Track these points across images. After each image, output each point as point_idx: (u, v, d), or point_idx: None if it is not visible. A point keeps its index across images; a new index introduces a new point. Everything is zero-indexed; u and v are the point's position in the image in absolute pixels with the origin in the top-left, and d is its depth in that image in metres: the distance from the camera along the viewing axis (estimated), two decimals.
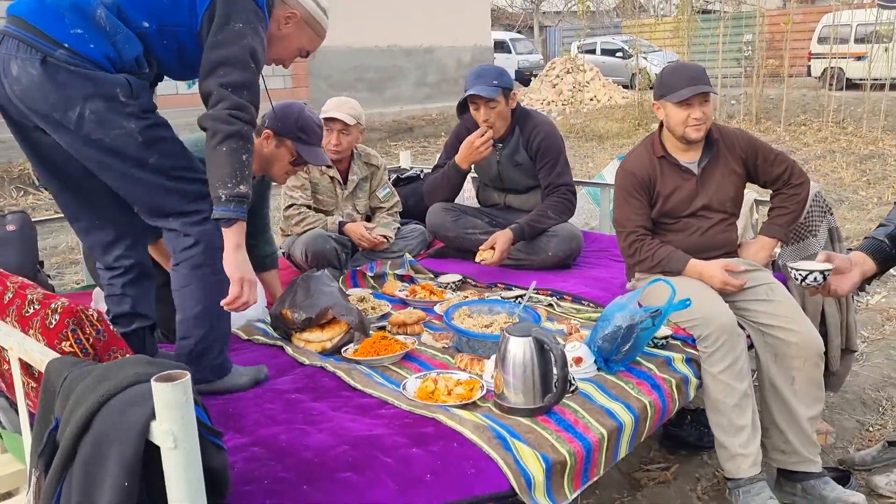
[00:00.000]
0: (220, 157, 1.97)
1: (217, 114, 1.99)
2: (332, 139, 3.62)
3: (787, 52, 13.47)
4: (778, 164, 2.84)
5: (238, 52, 2.02)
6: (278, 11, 2.26)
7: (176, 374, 1.27)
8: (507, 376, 2.09)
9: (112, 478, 1.29)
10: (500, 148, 3.62)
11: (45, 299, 1.80)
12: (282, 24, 2.27)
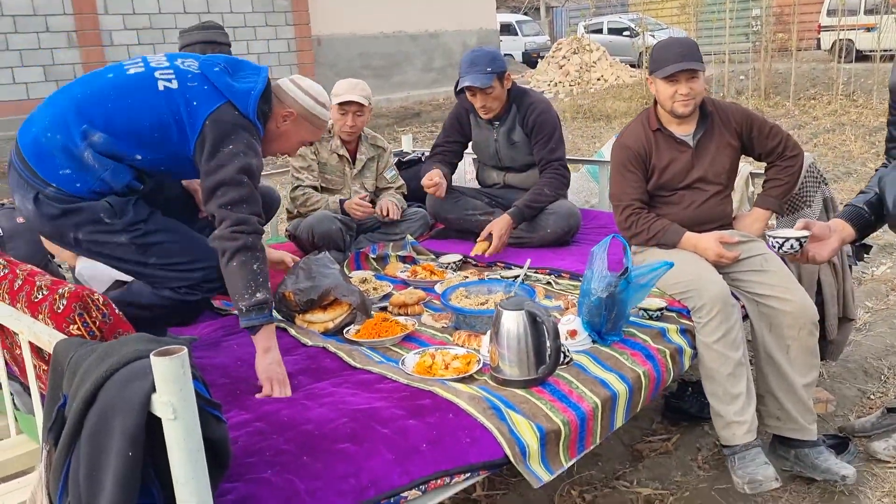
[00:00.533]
0: (233, 272, 2.14)
1: (222, 233, 2.16)
2: (348, 121, 3.69)
3: (795, 25, 13.35)
4: (772, 137, 2.87)
5: (231, 172, 2.16)
6: (277, 110, 2.41)
7: (173, 349, 1.34)
8: (502, 349, 2.15)
9: (117, 448, 1.36)
10: (496, 126, 3.66)
11: (52, 285, 1.87)
12: (280, 123, 2.42)
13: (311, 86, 2.47)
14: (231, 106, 2.23)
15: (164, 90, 2.20)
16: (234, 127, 2.19)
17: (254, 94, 2.25)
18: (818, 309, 2.92)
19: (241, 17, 12.08)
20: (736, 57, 14.48)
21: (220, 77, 2.25)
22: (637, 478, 2.82)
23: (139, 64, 2.32)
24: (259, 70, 2.39)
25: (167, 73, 2.25)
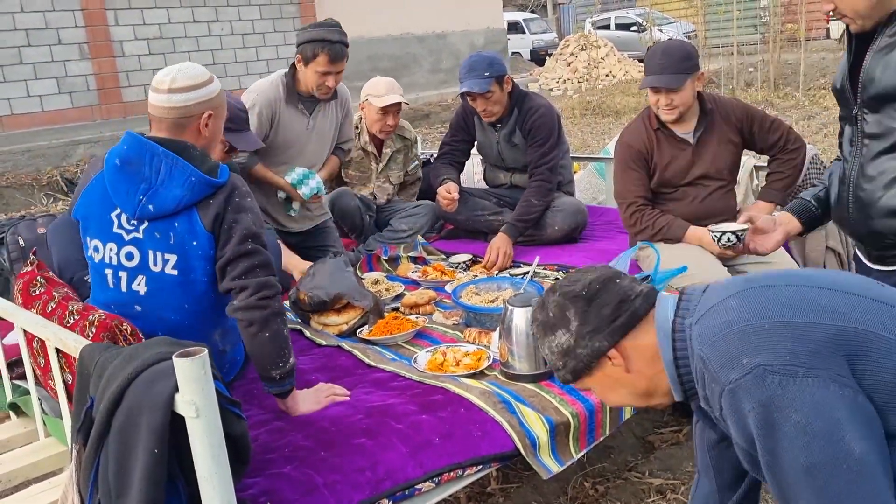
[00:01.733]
0: (265, 343, 1.95)
1: (247, 303, 1.94)
2: (389, 121, 3.78)
3: (803, 15, 13.31)
4: (774, 131, 2.91)
5: (234, 246, 1.96)
6: (195, 125, 2.07)
7: (194, 350, 1.41)
8: (511, 345, 2.20)
9: (143, 446, 1.44)
10: (498, 129, 3.72)
11: (84, 311, 1.93)
12: (204, 131, 2.09)
13: (189, 76, 2.06)
14: (203, 205, 1.98)
15: (179, 273, 2.00)
16: (219, 204, 1.97)
17: (193, 177, 1.96)
18: None
19: (249, 24, 12.18)
20: (744, 49, 14.44)
21: (161, 202, 1.96)
22: (649, 469, 2.87)
23: (124, 275, 2.03)
24: (142, 146, 1.99)
25: (155, 257, 2.01)
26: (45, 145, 9.86)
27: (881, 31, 1.83)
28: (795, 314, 1.24)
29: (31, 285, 2.10)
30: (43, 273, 2.16)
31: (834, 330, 1.22)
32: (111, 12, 10.69)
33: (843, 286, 1.32)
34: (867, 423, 1.17)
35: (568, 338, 1.42)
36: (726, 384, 1.23)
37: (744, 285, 1.35)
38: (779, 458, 1.19)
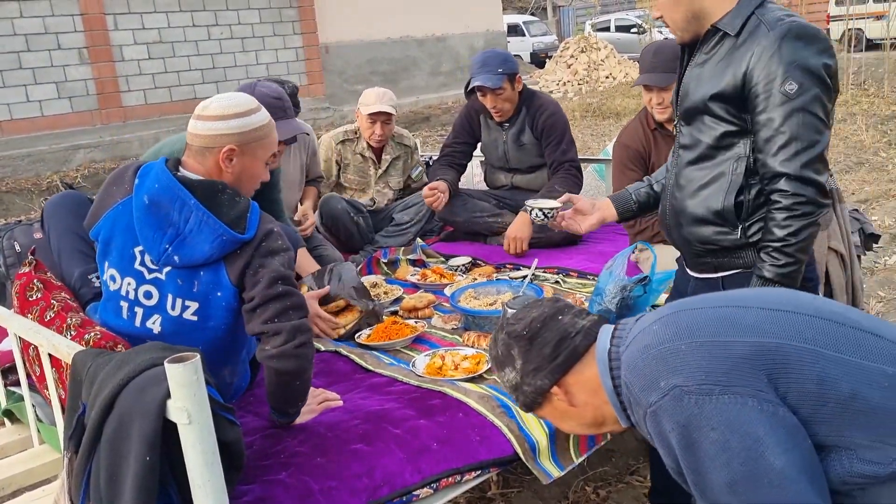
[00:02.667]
0: (294, 389, 1.91)
1: (281, 351, 1.84)
2: (377, 130, 3.84)
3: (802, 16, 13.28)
4: None
5: (263, 290, 1.87)
6: (215, 157, 1.96)
7: (186, 355, 1.39)
8: None
9: (135, 453, 1.42)
10: (506, 128, 3.70)
11: (81, 327, 1.90)
12: (227, 166, 1.97)
13: (224, 105, 1.97)
14: (230, 259, 1.91)
15: (199, 319, 1.94)
16: (246, 257, 1.90)
17: (225, 236, 1.88)
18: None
19: (248, 27, 12.18)
20: None
21: (189, 255, 1.89)
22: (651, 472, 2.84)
23: (140, 311, 1.97)
24: (174, 191, 1.89)
25: (175, 302, 1.94)
26: (45, 150, 9.86)
27: (699, 46, 1.88)
28: (714, 334, 1.26)
29: (27, 289, 2.07)
30: (40, 276, 2.13)
31: (753, 346, 1.22)
32: (110, 17, 10.70)
33: (771, 303, 1.32)
34: (789, 436, 1.18)
35: (514, 375, 1.48)
36: (647, 407, 1.26)
37: (671, 310, 1.38)
38: (702, 475, 1.21)
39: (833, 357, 1.23)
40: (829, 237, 3.01)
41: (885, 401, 1.21)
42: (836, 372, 1.22)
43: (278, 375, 1.87)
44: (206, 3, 11.64)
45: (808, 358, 1.22)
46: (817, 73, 1.71)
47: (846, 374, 1.22)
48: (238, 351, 2.08)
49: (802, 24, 1.75)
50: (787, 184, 1.74)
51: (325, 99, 12.74)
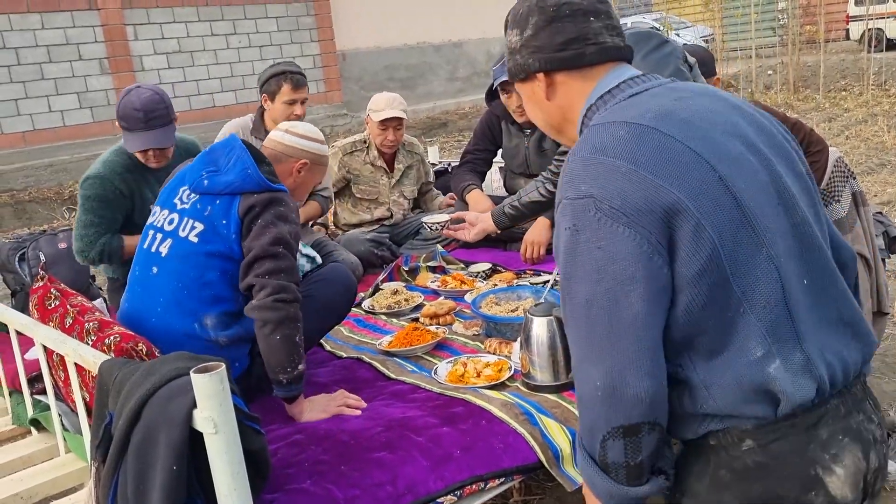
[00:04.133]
0: (277, 346, 2.00)
1: (262, 303, 2.01)
2: (389, 135, 3.81)
3: (822, 17, 13.20)
4: (795, 133, 2.86)
5: (264, 244, 2.05)
6: (286, 165, 2.33)
7: (212, 365, 1.40)
8: (532, 356, 2.17)
9: (162, 462, 1.43)
10: (528, 134, 3.70)
11: (100, 331, 1.93)
12: (296, 176, 2.36)
13: (307, 129, 2.41)
14: (246, 195, 2.12)
15: (198, 242, 2.11)
16: (262, 204, 2.10)
17: (250, 169, 2.13)
18: None
19: (266, 36, 12.27)
20: (763, 52, 14.32)
21: (216, 181, 2.15)
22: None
23: (159, 237, 2.20)
24: (231, 140, 2.24)
25: (186, 223, 2.15)
26: (67, 159, 9.98)
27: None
28: (657, 174, 1.20)
29: (45, 298, 2.11)
30: (56, 286, 2.16)
31: (673, 199, 1.19)
32: (130, 27, 10.82)
33: (715, 152, 1.25)
34: (658, 295, 1.20)
35: (517, 40, 1.43)
36: (562, 198, 1.27)
37: (649, 120, 1.27)
38: (569, 282, 1.25)
39: (741, 268, 1.22)
40: (853, 241, 2.98)
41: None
42: (727, 283, 1.21)
43: (260, 330, 2.02)
44: (224, 13, 11.75)
45: (713, 249, 1.20)
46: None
47: (728, 297, 1.21)
48: (226, 299, 2.13)
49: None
50: None
51: (342, 106, 12.79)
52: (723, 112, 1.32)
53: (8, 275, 3.33)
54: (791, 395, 1.22)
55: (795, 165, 1.35)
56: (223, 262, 2.10)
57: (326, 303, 2.41)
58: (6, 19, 9.79)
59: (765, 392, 1.23)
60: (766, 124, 1.36)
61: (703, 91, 1.36)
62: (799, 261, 1.27)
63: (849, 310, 1.33)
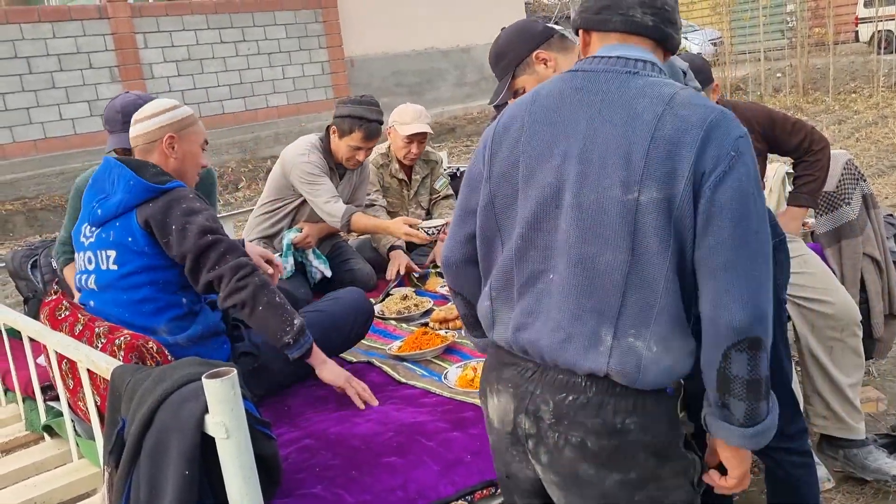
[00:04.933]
0: (265, 316, 2.08)
1: (228, 290, 2.07)
2: (413, 149, 3.73)
3: (831, 19, 13.16)
4: (796, 133, 2.84)
5: (195, 243, 2.07)
6: (157, 150, 2.25)
7: (223, 370, 1.40)
8: None
9: (174, 467, 1.43)
10: None
11: (110, 333, 1.95)
12: (171, 154, 2.26)
13: (151, 108, 2.28)
14: (141, 207, 2.11)
15: (118, 267, 2.12)
16: (158, 207, 2.09)
17: (132, 181, 2.11)
18: (863, 306, 2.90)
19: (275, 43, 12.32)
20: (772, 54, 14.29)
21: (108, 206, 2.13)
22: None
23: (85, 277, 2.22)
24: (106, 164, 2.23)
25: (101, 256, 2.16)
26: (78, 167, 10.02)
27: None
28: (490, 138, 1.51)
29: (56, 309, 2.13)
30: (67, 300, 2.19)
31: (482, 165, 1.54)
32: (140, 35, 10.89)
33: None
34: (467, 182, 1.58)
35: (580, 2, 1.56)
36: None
37: (532, 93, 1.49)
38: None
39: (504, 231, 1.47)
40: (864, 243, 2.98)
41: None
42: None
43: (242, 312, 2.09)
44: (233, 20, 11.81)
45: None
46: None
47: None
48: (170, 306, 2.14)
49: None
50: None
51: None
52: (575, 116, 1.39)
53: (20, 282, 3.34)
54: (492, 336, 1.51)
55: (629, 189, 1.31)
56: (149, 275, 2.12)
57: (340, 326, 2.47)
58: (18, 29, 9.88)
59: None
60: (622, 143, 1.33)
61: (593, 91, 1.39)
62: (564, 254, 1.37)
63: (599, 315, 1.35)
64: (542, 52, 2.04)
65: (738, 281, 1.28)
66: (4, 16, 9.88)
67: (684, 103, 1.33)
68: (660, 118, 1.32)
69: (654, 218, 1.30)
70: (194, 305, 2.19)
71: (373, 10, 13.40)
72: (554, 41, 2.07)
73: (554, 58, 2.03)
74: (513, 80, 2.08)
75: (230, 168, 10.56)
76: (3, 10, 10.24)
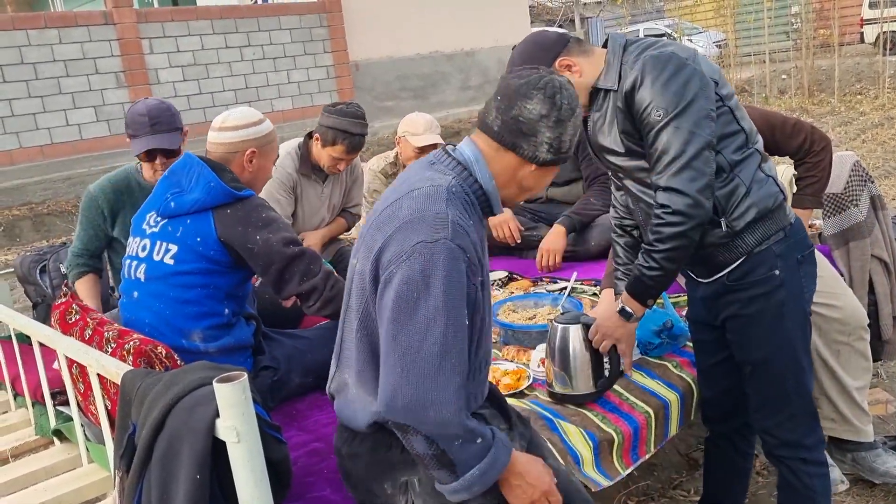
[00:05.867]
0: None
1: (324, 299, 2.21)
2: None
3: (836, 20, 13.14)
4: (796, 135, 2.82)
5: (280, 253, 2.14)
6: (237, 161, 2.30)
7: (234, 375, 1.41)
8: (557, 366, 2.14)
9: (185, 472, 1.44)
10: None
11: (119, 338, 1.96)
12: (248, 167, 2.32)
13: (240, 118, 2.33)
14: (218, 210, 2.15)
15: (174, 263, 2.14)
16: (238, 216, 2.13)
17: (213, 182, 2.15)
18: (872, 308, 2.89)
19: (280, 47, 12.35)
20: (776, 56, 14.27)
21: (182, 201, 2.16)
22: (694, 486, 2.81)
23: (135, 264, 2.23)
24: (188, 159, 2.25)
25: (159, 247, 2.18)
26: (85, 172, 10.07)
27: (590, 109, 2.04)
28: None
29: (67, 313, 2.13)
30: (78, 302, 2.19)
31: None
32: (146, 41, 10.92)
33: None
34: None
35: None
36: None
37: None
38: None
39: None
40: (872, 245, 2.97)
41: None
42: None
43: (334, 316, 2.11)
44: (238, 25, 11.84)
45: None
46: (677, 92, 1.83)
47: None
48: (212, 314, 2.16)
49: (655, 56, 1.88)
50: (659, 195, 1.86)
51: None
52: (386, 196, 1.62)
53: (29, 287, 3.36)
54: None
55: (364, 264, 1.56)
56: (204, 278, 2.13)
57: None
58: (24, 35, 9.91)
59: None
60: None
61: (401, 178, 1.64)
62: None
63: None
64: (564, 58, 2.01)
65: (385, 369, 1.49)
66: (11, 22, 9.92)
67: (414, 197, 1.52)
68: (396, 200, 1.55)
69: (359, 281, 1.56)
70: (233, 317, 2.20)
71: (377, 15, 13.41)
72: (572, 46, 2.03)
73: (577, 62, 2.00)
74: None
75: None
76: (10, 17, 10.29)
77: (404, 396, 1.43)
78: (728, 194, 1.91)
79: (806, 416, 2.04)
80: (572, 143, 1.66)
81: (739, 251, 1.95)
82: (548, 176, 1.68)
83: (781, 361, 1.99)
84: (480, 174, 1.60)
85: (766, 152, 2.02)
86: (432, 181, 1.55)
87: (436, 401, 1.42)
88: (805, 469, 2.06)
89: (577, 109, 1.63)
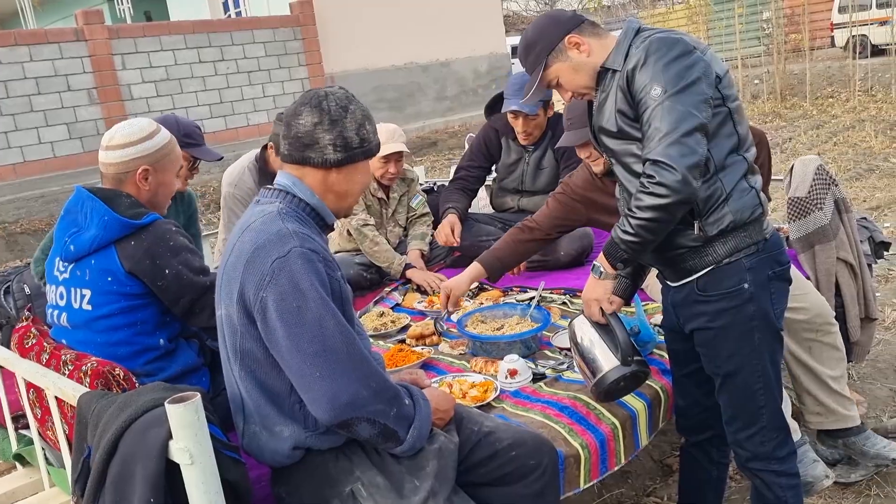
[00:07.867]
0: None
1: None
2: (391, 168, 3.66)
3: (806, 25, 13.31)
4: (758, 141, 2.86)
5: (189, 288, 2.07)
6: (129, 181, 2.15)
7: (187, 395, 1.39)
8: (583, 360, 2.11)
9: (139, 495, 1.41)
10: (530, 151, 3.74)
11: (77, 360, 1.93)
12: (143, 185, 2.15)
13: (127, 135, 2.15)
14: (120, 244, 2.03)
15: (92, 308, 2.05)
16: (142, 248, 2.02)
17: (106, 216, 2.03)
18: (839, 311, 2.91)
19: (254, 61, 12.33)
20: (749, 61, 14.43)
21: (81, 242, 2.05)
22: (668, 493, 2.81)
23: (57, 312, 2.14)
24: (78, 194, 2.13)
25: (74, 294, 2.08)
26: (58, 190, 9.98)
27: (596, 90, 2.04)
28: None
29: (25, 337, 2.11)
30: (37, 326, 2.16)
31: None
32: (118, 57, 10.86)
33: None
34: None
35: None
36: None
37: None
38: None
39: None
40: (838, 248, 2.99)
41: None
42: None
43: None
44: (211, 39, 11.80)
45: None
46: (679, 73, 1.82)
47: None
48: (146, 350, 2.08)
49: (662, 38, 1.87)
50: (648, 167, 1.82)
51: None
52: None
53: None
54: None
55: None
56: (126, 317, 2.05)
57: None
58: None
59: None
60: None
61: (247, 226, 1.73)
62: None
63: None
64: (574, 36, 1.98)
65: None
66: None
67: (252, 229, 1.66)
68: (238, 241, 1.68)
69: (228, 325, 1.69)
70: (170, 344, 2.13)
71: (352, 27, 13.44)
72: (585, 27, 2.01)
73: (587, 42, 1.98)
74: (545, 70, 2.02)
75: (212, 188, 10.52)
76: None
77: (344, 393, 1.56)
78: (706, 198, 1.88)
79: (777, 429, 2.04)
80: (364, 134, 1.77)
81: (708, 260, 1.93)
82: (358, 174, 1.80)
83: (751, 375, 1.97)
84: (302, 193, 1.76)
85: (755, 165, 2.00)
86: (263, 212, 1.70)
87: (363, 377, 1.59)
88: (777, 481, 2.05)
89: (349, 106, 1.74)
